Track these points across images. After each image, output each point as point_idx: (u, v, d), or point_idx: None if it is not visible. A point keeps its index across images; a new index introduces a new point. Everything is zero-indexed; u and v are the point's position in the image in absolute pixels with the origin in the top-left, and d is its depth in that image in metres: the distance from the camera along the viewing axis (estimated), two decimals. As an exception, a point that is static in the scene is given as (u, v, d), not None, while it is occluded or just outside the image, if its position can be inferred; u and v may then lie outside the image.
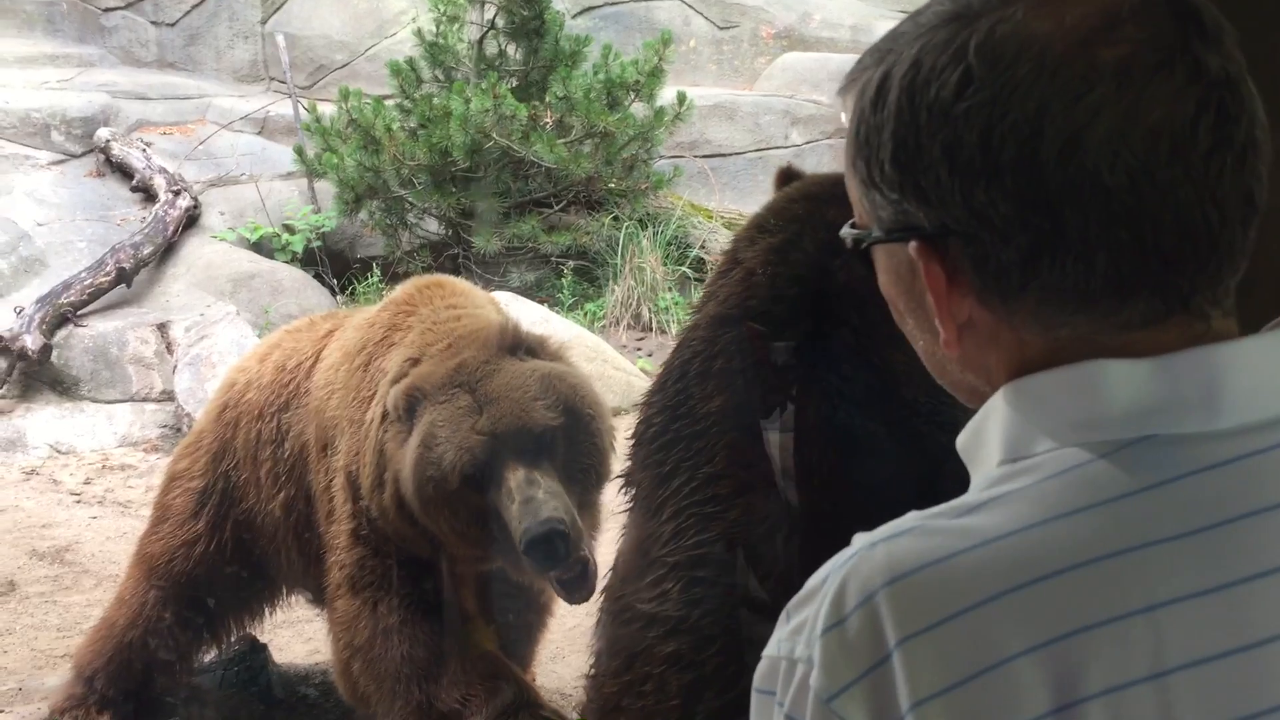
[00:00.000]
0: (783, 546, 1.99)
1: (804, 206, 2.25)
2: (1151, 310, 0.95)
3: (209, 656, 4.65)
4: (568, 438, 3.46)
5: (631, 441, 2.31)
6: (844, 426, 2.03)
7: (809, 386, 2.05)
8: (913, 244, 1.00)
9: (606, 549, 3.63)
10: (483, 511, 3.43)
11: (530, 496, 3.29)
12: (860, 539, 0.97)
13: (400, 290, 4.08)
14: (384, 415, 3.58)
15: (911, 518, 0.97)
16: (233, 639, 4.62)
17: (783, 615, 0.99)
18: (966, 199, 0.95)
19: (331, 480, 3.92)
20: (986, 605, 0.91)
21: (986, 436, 1.01)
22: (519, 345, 3.55)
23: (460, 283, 4.09)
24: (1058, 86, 0.92)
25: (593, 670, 2.29)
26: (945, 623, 0.91)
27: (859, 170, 1.03)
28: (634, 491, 2.25)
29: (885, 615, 0.91)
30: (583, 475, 3.52)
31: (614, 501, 2.45)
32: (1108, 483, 0.94)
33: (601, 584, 2.39)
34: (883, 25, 12.35)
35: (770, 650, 0.98)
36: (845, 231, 1.07)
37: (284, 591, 4.60)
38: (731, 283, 2.20)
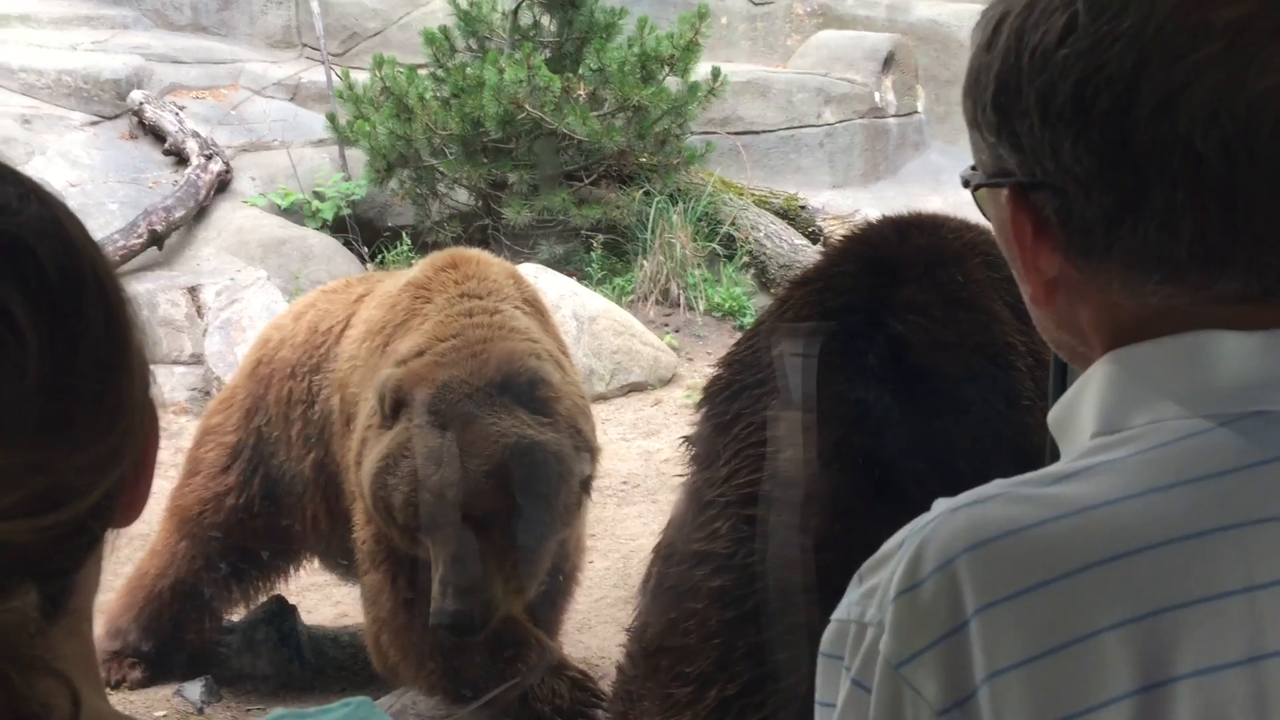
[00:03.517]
0: (830, 490, 2.05)
1: (896, 216, 2.43)
2: (1247, 289, 0.91)
3: (237, 615, 4.68)
4: (515, 511, 3.59)
5: (698, 399, 2.37)
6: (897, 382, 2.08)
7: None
8: (1004, 191, 0.97)
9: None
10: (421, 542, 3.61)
11: (448, 580, 3.45)
12: (941, 504, 0.93)
13: (419, 270, 4.10)
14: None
15: (997, 484, 0.93)
16: (261, 595, 4.65)
17: (854, 578, 0.95)
18: (1055, 150, 0.92)
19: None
20: (1074, 576, 0.87)
21: (1081, 408, 0.97)
22: (508, 387, 3.59)
23: (479, 261, 4.09)
24: (1161, 42, 0.87)
25: (636, 618, 2.34)
26: (1029, 592, 0.87)
27: (966, 109, 1.00)
28: (694, 447, 2.30)
29: (965, 581, 0.88)
30: (524, 539, 3.64)
31: (675, 465, 2.53)
32: (1212, 457, 0.89)
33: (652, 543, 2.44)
34: (920, 4, 12.23)
35: (839, 613, 0.95)
36: (964, 171, 1.04)
37: (308, 552, 4.64)
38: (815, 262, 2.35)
